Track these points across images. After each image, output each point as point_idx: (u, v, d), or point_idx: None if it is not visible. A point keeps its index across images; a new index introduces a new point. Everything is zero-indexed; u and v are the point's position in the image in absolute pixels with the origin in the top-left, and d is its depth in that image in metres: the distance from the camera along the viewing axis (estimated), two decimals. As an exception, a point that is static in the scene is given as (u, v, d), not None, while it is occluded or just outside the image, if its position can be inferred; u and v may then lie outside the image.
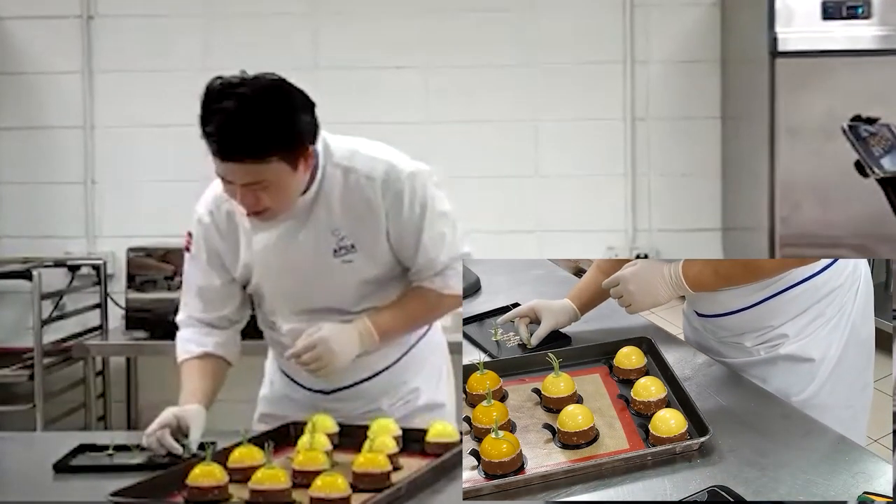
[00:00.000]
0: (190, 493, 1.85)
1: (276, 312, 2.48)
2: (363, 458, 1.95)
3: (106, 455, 2.21)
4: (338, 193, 2.35)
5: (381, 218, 2.35)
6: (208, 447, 1.95)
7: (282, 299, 2.45)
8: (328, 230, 2.36)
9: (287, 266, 2.39)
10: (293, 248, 2.37)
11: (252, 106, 2.17)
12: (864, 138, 2.01)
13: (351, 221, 2.36)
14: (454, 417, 2.57)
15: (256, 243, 2.39)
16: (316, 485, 1.79)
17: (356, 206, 2.35)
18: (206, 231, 2.46)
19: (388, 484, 1.90)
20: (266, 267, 2.41)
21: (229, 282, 2.48)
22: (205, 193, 2.52)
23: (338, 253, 2.36)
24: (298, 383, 2.55)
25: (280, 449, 2.11)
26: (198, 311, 2.49)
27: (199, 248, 2.48)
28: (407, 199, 2.35)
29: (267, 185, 2.21)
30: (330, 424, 2.20)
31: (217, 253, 2.46)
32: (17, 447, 2.48)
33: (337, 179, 2.35)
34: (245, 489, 1.85)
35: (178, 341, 2.51)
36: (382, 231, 2.36)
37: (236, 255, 2.43)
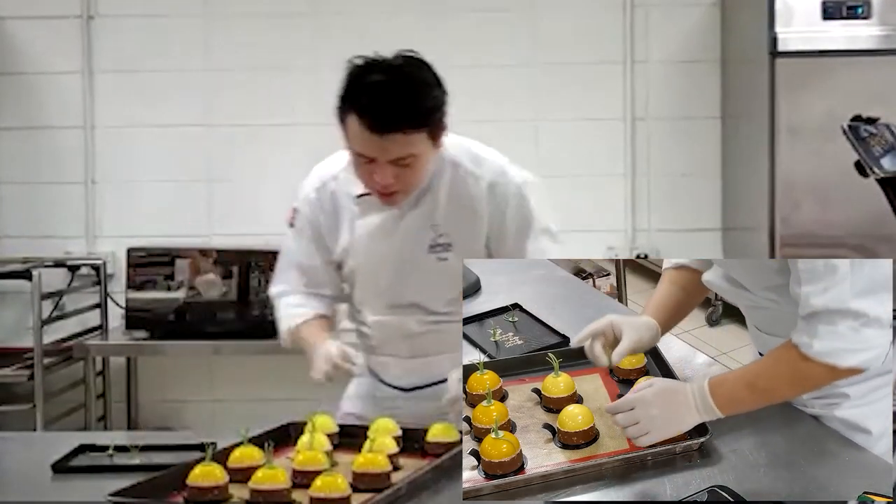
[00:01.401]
0: (190, 493, 1.84)
1: (364, 302, 2.49)
2: (363, 458, 1.95)
3: (106, 455, 2.21)
4: (445, 189, 2.36)
5: (482, 220, 2.35)
6: (208, 447, 1.95)
7: (374, 289, 2.46)
8: (428, 223, 2.36)
9: (383, 255, 2.40)
10: (393, 236, 2.38)
11: (404, 76, 2.21)
12: (864, 138, 2.01)
13: (452, 219, 2.36)
14: None
15: (359, 228, 2.41)
16: (316, 485, 1.79)
17: (460, 203, 2.36)
18: (312, 208, 2.48)
19: (388, 484, 1.90)
20: (364, 253, 2.42)
21: (328, 262, 2.49)
22: (312, 173, 2.53)
23: (433, 248, 2.37)
24: (382, 380, 2.56)
25: (280, 449, 2.11)
26: (298, 284, 2.51)
27: (303, 225, 2.50)
28: (513, 206, 2.36)
29: (411, 161, 2.22)
30: (330, 424, 2.20)
31: (320, 232, 2.47)
32: (17, 447, 2.48)
33: (446, 174, 2.36)
34: (245, 489, 1.85)
35: (282, 308, 2.52)
36: (482, 233, 2.36)
37: (337, 236, 2.45)
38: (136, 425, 4.50)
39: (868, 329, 1.80)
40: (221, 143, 4.52)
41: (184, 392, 4.56)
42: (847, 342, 1.81)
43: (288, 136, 4.48)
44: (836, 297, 1.80)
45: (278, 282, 2.56)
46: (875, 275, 1.80)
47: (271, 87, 4.48)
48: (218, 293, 4.13)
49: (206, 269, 4.14)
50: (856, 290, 1.79)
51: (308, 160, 2.60)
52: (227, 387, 4.53)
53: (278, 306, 2.54)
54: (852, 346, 1.81)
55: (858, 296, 1.79)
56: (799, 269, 1.84)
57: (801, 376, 1.88)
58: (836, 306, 1.79)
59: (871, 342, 1.82)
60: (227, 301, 4.11)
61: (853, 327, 1.79)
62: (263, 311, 4.06)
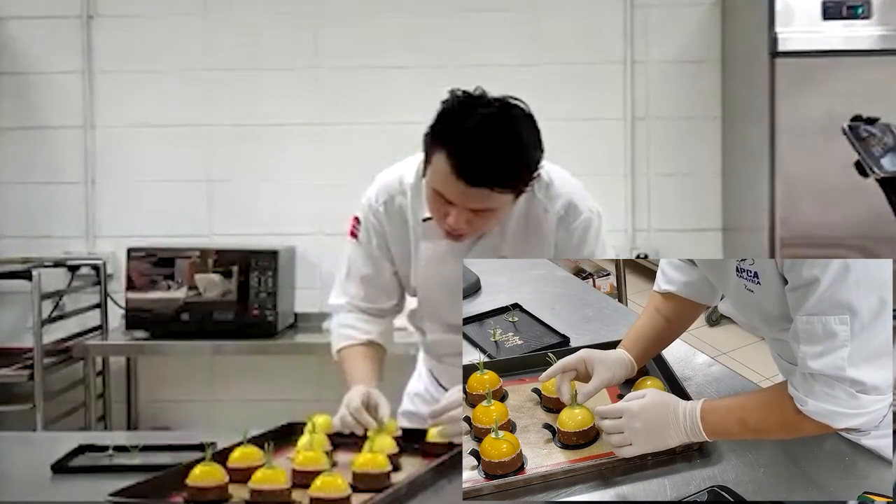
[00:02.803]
0: (190, 493, 1.84)
1: (424, 318, 2.49)
2: (363, 458, 1.94)
3: (106, 455, 2.21)
4: (515, 219, 2.30)
5: (549, 251, 2.32)
6: (208, 447, 1.95)
7: (434, 309, 2.45)
8: (494, 252, 2.33)
9: (445, 279, 2.37)
10: (455, 263, 2.35)
11: (507, 131, 2.07)
12: (864, 138, 2.00)
13: (519, 249, 2.33)
14: None
15: (423, 250, 2.36)
16: (316, 485, 1.79)
17: (528, 234, 2.32)
18: (379, 220, 2.41)
19: (388, 484, 1.90)
20: (427, 276, 2.39)
21: (394, 273, 2.46)
22: (377, 182, 2.44)
23: None
24: (440, 383, 2.56)
25: (280, 449, 2.11)
26: (359, 299, 2.47)
27: (368, 235, 2.43)
28: (577, 238, 2.31)
29: (491, 213, 2.15)
30: (330, 424, 2.20)
31: (387, 244, 2.42)
32: (17, 447, 2.48)
33: (519, 205, 2.25)
34: (245, 489, 1.85)
35: (336, 326, 2.49)
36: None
37: (404, 251, 2.41)
38: (136, 425, 4.50)
39: (866, 396, 1.75)
40: (221, 143, 4.52)
41: (184, 392, 4.56)
42: (842, 406, 1.75)
43: (288, 136, 4.48)
44: (833, 364, 1.73)
45: (339, 294, 2.50)
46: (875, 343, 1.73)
47: (271, 87, 4.48)
48: (218, 293, 4.13)
49: (206, 269, 4.14)
50: (855, 359, 1.73)
51: (308, 160, 2.61)
52: (227, 387, 4.53)
53: (333, 322, 2.51)
54: (848, 410, 1.75)
55: (857, 364, 1.73)
56: (798, 329, 1.78)
57: (792, 427, 1.84)
58: (833, 373, 1.74)
59: (867, 407, 1.76)
60: (227, 301, 4.11)
61: (850, 393, 1.74)
62: (263, 311, 4.06)
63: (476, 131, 2.04)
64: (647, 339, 2.21)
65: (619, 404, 1.96)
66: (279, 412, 2.39)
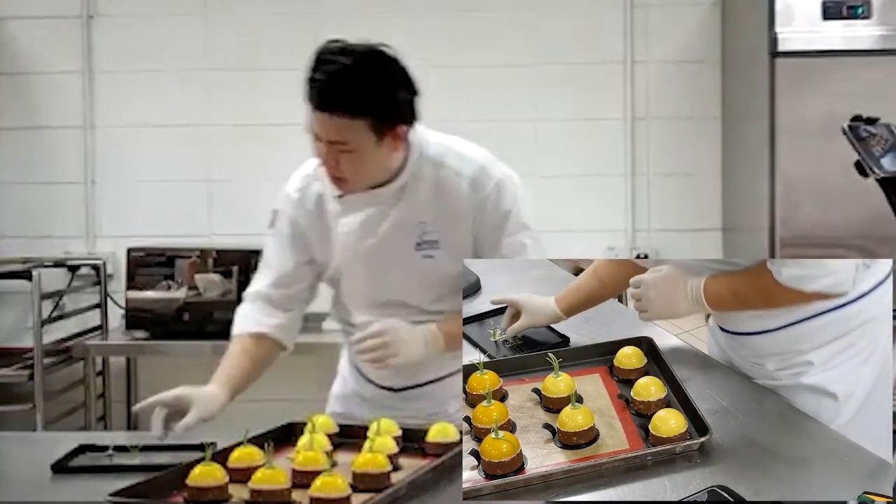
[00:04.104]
0: (190, 493, 1.84)
1: (351, 302, 2.48)
2: (363, 458, 1.94)
3: (106, 455, 2.21)
4: (428, 187, 2.35)
5: (467, 217, 2.36)
6: (208, 447, 1.95)
7: (359, 288, 2.45)
8: (413, 222, 2.36)
9: (368, 253, 2.39)
10: (376, 235, 2.38)
11: (360, 64, 2.20)
12: (864, 138, 2.01)
13: (437, 217, 2.36)
14: None
15: (341, 226, 2.40)
16: (316, 485, 1.79)
17: (444, 202, 2.35)
18: (294, 208, 2.47)
19: (388, 484, 1.90)
20: (347, 252, 2.41)
21: (305, 262, 2.48)
22: (295, 173, 2.53)
23: (420, 246, 2.36)
24: (370, 380, 2.54)
25: (280, 449, 2.11)
26: (265, 286, 2.50)
27: (283, 225, 2.48)
28: (492, 202, 2.35)
29: (350, 148, 2.23)
30: (330, 424, 2.20)
31: (302, 231, 2.46)
32: (17, 447, 2.48)
33: (428, 173, 2.35)
34: (245, 489, 1.85)
35: (237, 315, 2.52)
36: (467, 231, 2.36)
37: (323, 235, 2.44)
38: (136, 425, 4.49)
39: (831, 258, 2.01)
40: (221, 143, 4.52)
41: (184, 392, 4.55)
42: (811, 269, 2.04)
43: (288, 136, 4.47)
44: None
45: (252, 283, 2.55)
46: None
47: (271, 87, 4.48)
48: (218, 293, 4.13)
49: (206, 269, 4.14)
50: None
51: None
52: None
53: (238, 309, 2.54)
54: (815, 272, 2.04)
55: None
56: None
57: (771, 296, 2.11)
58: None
59: (833, 268, 2.06)
60: (227, 301, 4.10)
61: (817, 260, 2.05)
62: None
63: (332, 63, 2.20)
64: (578, 294, 2.52)
65: (640, 276, 2.28)
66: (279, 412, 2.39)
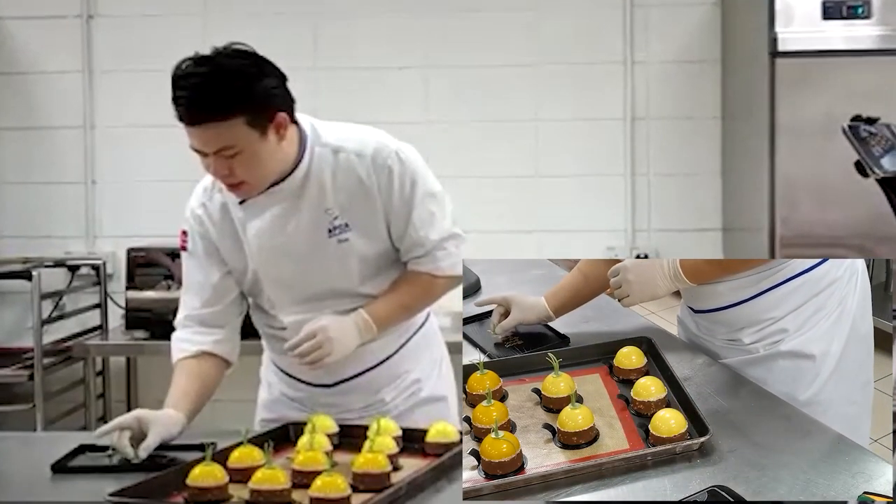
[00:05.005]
0: (190, 493, 1.85)
1: (275, 305, 2.45)
2: (363, 458, 1.94)
3: (106, 455, 2.21)
4: (329, 173, 2.34)
5: (373, 194, 2.34)
6: (208, 447, 1.95)
7: (281, 287, 2.42)
8: (321, 210, 2.34)
9: (282, 250, 2.36)
10: (287, 230, 2.35)
11: (213, 68, 2.18)
12: (864, 138, 2.01)
13: (343, 200, 2.34)
14: (456, 410, 2.56)
15: (250, 230, 2.37)
16: (316, 485, 1.79)
17: (348, 184, 2.34)
18: (201, 224, 2.44)
19: (388, 484, 1.90)
20: (262, 253, 2.38)
21: (226, 274, 2.45)
22: (195, 189, 2.50)
23: (332, 232, 2.34)
24: (299, 379, 2.52)
25: (280, 449, 2.11)
26: (195, 309, 2.47)
27: (195, 243, 2.46)
28: (397, 176, 2.34)
29: (236, 151, 2.20)
30: (330, 424, 2.20)
31: (214, 246, 2.44)
32: (17, 447, 2.48)
33: (327, 159, 2.34)
34: (245, 489, 1.85)
35: (173, 342, 2.49)
36: (377, 208, 2.35)
37: (234, 244, 2.41)
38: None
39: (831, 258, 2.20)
40: (221, 143, 4.52)
41: (184, 392, 4.55)
42: None
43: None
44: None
45: (179, 310, 2.51)
46: None
47: (271, 87, 4.48)
48: (218, 293, 4.12)
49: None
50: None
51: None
52: (227, 387, 4.51)
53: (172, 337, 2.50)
54: None
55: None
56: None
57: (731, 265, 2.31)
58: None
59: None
60: (227, 301, 4.10)
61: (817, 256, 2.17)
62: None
63: (185, 76, 2.19)
64: (566, 291, 2.57)
65: (617, 265, 2.37)
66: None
